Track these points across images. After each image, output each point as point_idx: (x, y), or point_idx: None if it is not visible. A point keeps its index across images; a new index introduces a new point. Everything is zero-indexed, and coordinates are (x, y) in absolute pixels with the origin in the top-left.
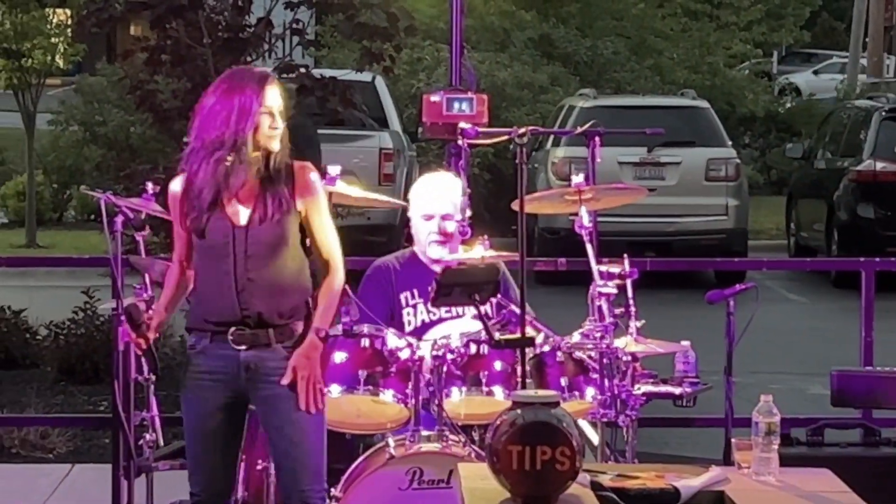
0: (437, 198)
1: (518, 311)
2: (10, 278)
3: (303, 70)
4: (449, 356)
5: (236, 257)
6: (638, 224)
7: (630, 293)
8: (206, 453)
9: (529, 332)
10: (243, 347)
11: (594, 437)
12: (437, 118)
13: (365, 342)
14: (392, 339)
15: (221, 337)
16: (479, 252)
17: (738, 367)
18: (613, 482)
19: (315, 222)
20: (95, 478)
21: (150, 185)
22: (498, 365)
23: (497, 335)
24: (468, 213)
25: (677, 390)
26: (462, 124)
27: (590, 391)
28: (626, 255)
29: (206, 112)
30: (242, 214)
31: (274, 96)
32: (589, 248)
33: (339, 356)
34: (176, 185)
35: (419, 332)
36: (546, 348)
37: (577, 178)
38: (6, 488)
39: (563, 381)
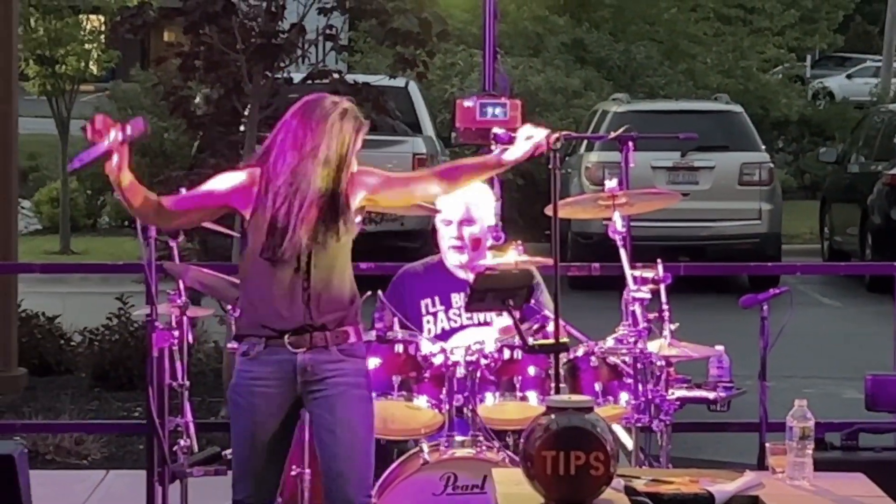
0: (457, 203)
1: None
2: (44, 285)
3: (336, 76)
4: (483, 361)
5: (302, 269)
6: (671, 229)
7: (664, 298)
8: (257, 460)
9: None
10: (301, 350)
11: (628, 442)
12: (471, 123)
13: (399, 348)
14: (426, 345)
15: (277, 341)
16: (512, 257)
17: (773, 371)
18: (647, 487)
19: (390, 186)
20: (130, 484)
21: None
22: (532, 370)
23: (531, 340)
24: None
25: (711, 395)
26: (495, 129)
27: (624, 396)
28: (659, 260)
29: (310, 129)
30: (317, 227)
31: None
32: (622, 253)
33: (373, 362)
34: (243, 176)
35: (439, 339)
36: (580, 353)
37: (611, 183)
38: (41, 494)
39: (597, 386)
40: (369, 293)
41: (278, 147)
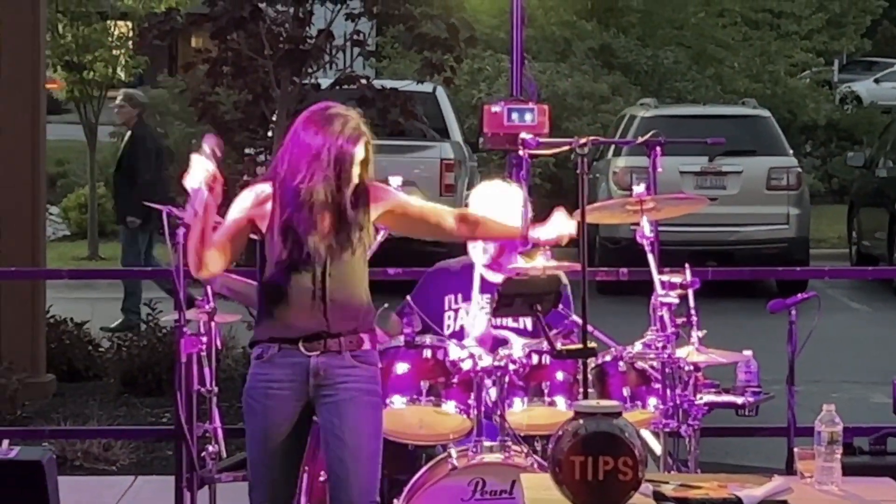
0: (483, 208)
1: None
2: (72, 290)
3: (364, 81)
4: (511, 366)
5: (318, 279)
6: (699, 233)
7: (691, 303)
8: (270, 464)
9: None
10: (316, 353)
11: (656, 447)
12: (498, 128)
13: (427, 353)
14: (454, 350)
15: (291, 345)
16: (540, 262)
17: (801, 376)
18: (676, 492)
19: (409, 209)
20: (158, 489)
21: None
22: (560, 375)
23: (559, 345)
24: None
25: (739, 400)
26: (523, 134)
27: (652, 401)
28: (687, 265)
29: (311, 135)
30: (327, 235)
31: None
32: (650, 258)
33: (402, 367)
34: (256, 195)
35: (457, 336)
36: (608, 358)
37: (639, 188)
38: (70, 500)
39: (626, 391)
40: (406, 299)
41: (285, 155)
